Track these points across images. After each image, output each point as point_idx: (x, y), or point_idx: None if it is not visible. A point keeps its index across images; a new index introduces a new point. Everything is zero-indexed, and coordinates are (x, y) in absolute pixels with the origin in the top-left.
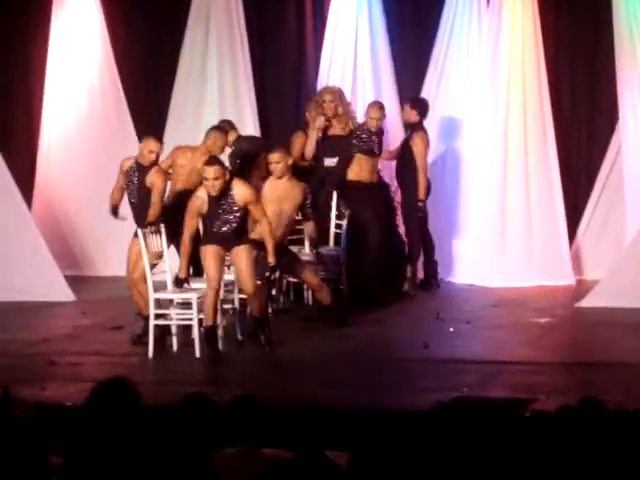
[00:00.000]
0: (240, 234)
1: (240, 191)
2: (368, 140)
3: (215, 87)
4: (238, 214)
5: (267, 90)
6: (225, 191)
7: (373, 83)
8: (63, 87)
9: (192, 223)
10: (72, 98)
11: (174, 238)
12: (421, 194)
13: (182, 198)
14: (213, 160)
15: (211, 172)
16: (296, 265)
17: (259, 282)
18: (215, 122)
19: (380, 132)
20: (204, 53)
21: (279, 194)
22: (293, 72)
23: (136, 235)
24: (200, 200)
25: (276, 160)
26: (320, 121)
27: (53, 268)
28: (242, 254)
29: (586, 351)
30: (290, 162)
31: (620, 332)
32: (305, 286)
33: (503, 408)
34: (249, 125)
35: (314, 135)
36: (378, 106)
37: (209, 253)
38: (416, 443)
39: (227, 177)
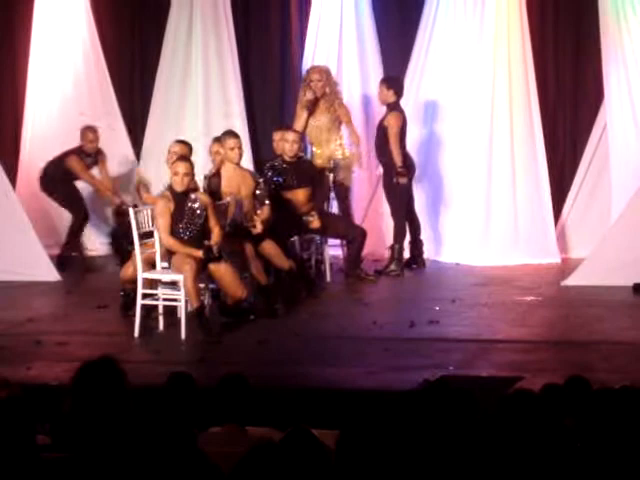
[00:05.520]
0: (204, 238)
1: (201, 195)
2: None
3: (200, 68)
4: (202, 217)
5: (252, 70)
6: (189, 191)
7: (359, 63)
8: (47, 69)
9: (167, 222)
10: (57, 80)
11: None
12: (398, 162)
13: None
14: (185, 157)
15: (183, 167)
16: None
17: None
18: (200, 104)
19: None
20: (188, 33)
21: (238, 180)
22: (278, 52)
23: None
24: (167, 199)
25: (239, 145)
26: (309, 96)
27: (38, 247)
28: (222, 271)
29: (572, 329)
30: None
31: (605, 310)
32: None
33: (489, 386)
34: (234, 105)
35: (303, 112)
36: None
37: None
38: (403, 421)
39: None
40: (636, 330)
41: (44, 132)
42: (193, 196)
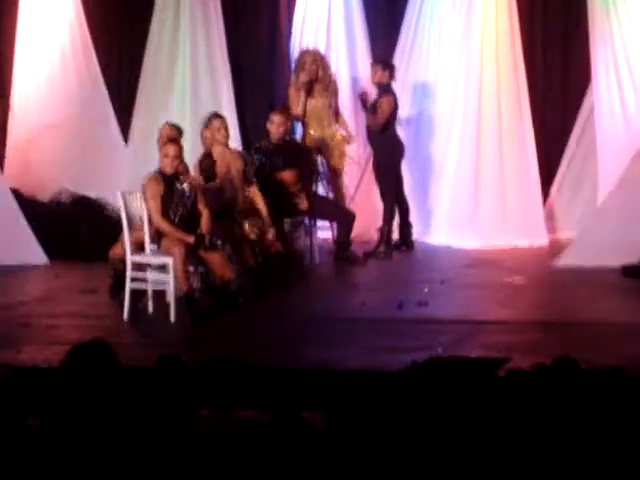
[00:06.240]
0: (194, 221)
1: (191, 177)
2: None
3: (187, 50)
4: (191, 199)
5: (240, 54)
6: (178, 174)
7: (347, 47)
8: (34, 53)
9: (159, 204)
10: (43, 61)
11: None
12: (379, 120)
13: None
14: (175, 140)
15: (173, 149)
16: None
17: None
18: (188, 88)
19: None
20: (175, 14)
21: (228, 160)
22: (267, 36)
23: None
24: (157, 181)
25: (225, 126)
26: (303, 78)
27: (26, 231)
28: (215, 256)
29: (560, 310)
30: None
31: (593, 291)
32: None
33: (478, 367)
34: (223, 88)
35: (299, 95)
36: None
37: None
38: (392, 403)
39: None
40: (624, 311)
41: (31, 116)
42: (182, 178)
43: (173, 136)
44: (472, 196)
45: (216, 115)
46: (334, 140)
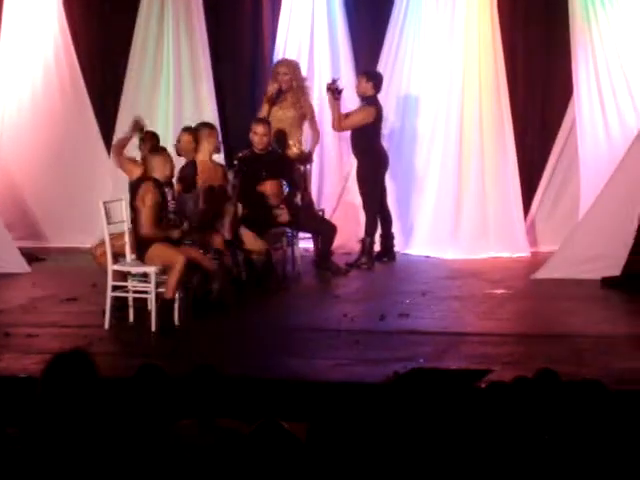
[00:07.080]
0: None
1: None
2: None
3: (171, 61)
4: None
5: (223, 64)
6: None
7: (330, 58)
8: (17, 62)
9: (156, 214)
10: (27, 72)
11: None
12: (346, 123)
13: None
14: (163, 148)
15: (168, 155)
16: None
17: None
18: (171, 96)
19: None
20: (159, 25)
21: (210, 172)
22: (250, 46)
23: None
24: (155, 188)
25: (216, 136)
26: (272, 88)
27: (7, 239)
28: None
29: (541, 322)
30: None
31: (574, 303)
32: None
33: (459, 379)
34: (206, 102)
35: (265, 104)
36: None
37: (163, 244)
38: (373, 413)
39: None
40: (604, 323)
41: (15, 125)
42: (167, 188)
43: (156, 142)
44: (454, 208)
45: (209, 125)
46: (298, 155)
